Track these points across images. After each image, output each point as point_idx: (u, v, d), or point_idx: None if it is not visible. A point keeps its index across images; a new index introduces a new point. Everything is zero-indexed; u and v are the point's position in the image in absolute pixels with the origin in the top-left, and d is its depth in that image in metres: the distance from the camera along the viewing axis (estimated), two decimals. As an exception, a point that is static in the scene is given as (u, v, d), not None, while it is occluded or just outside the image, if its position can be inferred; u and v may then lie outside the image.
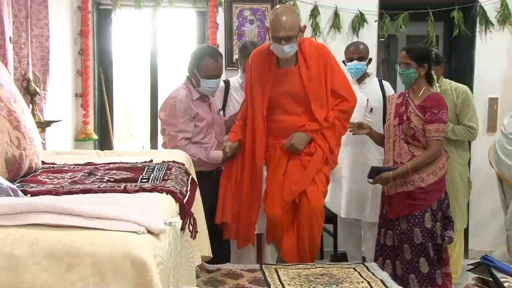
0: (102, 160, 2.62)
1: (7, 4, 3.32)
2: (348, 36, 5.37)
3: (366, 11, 5.40)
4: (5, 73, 2.25)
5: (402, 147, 3.66)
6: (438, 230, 3.54)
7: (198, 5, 5.36)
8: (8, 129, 1.96)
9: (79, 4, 5.27)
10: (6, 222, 1.26)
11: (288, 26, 3.35)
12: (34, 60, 3.76)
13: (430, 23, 5.41)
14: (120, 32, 5.70)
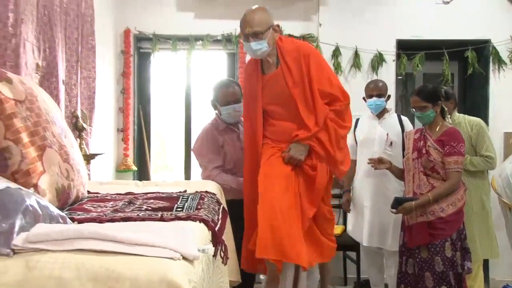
0: (140, 190, 2.62)
1: (62, 51, 3.41)
2: (368, 75, 5.35)
3: (384, 51, 5.38)
4: (58, 111, 2.29)
5: (421, 179, 3.61)
6: (458, 259, 3.46)
7: (228, 47, 5.44)
8: (59, 161, 1.98)
9: (122, 48, 5.39)
10: (56, 247, 1.27)
11: (254, 22, 3.08)
12: (82, 99, 3.81)
13: (445, 62, 5.39)
14: (157, 72, 5.78)
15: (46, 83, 3.16)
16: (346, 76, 5.36)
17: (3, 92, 1.80)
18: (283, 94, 3.20)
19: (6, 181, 1.54)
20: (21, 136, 1.80)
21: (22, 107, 1.87)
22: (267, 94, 3.26)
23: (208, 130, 3.81)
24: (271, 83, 3.25)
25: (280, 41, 3.24)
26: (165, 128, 6.48)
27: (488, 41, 5.34)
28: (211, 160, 3.70)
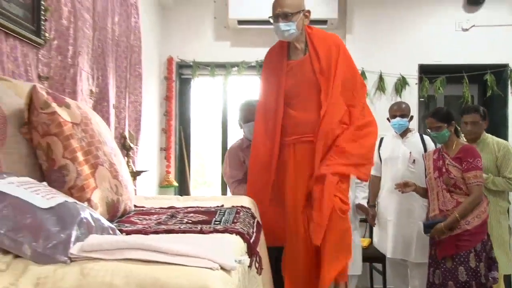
0: (181, 204, 2.61)
1: (112, 78, 3.49)
2: (392, 97, 5.34)
3: (407, 75, 5.39)
4: (108, 133, 2.31)
5: (445, 196, 3.57)
6: (482, 270, 3.37)
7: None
8: (109, 178, 2.00)
9: (166, 75, 5.48)
10: (107, 256, 1.28)
11: (285, 3, 2.87)
12: (129, 121, 3.87)
13: (465, 85, 5.37)
14: (197, 96, 5.86)
15: (98, 107, 3.23)
16: (371, 99, 5.34)
17: (62, 116, 1.83)
18: (307, 81, 2.96)
19: (64, 195, 1.56)
20: (77, 155, 1.83)
21: (78, 129, 1.90)
22: (290, 79, 2.99)
23: (231, 149, 3.81)
24: (297, 69, 3.00)
25: (310, 29, 3.03)
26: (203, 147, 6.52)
27: (506, 65, 5.32)
28: (232, 176, 3.68)
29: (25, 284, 1.19)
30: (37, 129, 1.80)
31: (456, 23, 5.44)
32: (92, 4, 3.16)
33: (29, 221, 1.30)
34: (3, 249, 1.28)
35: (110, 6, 3.46)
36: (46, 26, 2.52)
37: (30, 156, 1.84)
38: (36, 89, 1.81)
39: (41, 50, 2.52)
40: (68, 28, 2.77)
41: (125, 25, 3.77)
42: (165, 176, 5.44)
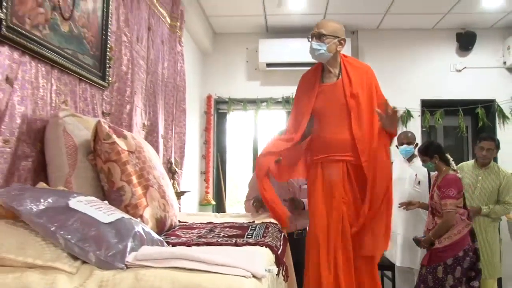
0: (218, 220, 2.60)
1: (161, 113, 3.55)
2: (399, 127, 5.31)
3: (411, 108, 5.44)
4: (157, 159, 2.34)
5: (429, 217, 3.58)
6: (449, 281, 3.32)
7: (287, 107, 5.51)
8: (158, 198, 2.00)
9: (205, 110, 5.56)
10: (157, 264, 1.29)
11: (323, 25, 2.67)
12: (175, 149, 3.90)
13: (460, 117, 5.44)
14: (232, 127, 5.90)
15: (149, 137, 3.28)
16: None
17: (120, 145, 1.86)
18: (339, 103, 2.71)
19: (121, 212, 1.58)
20: (132, 178, 1.85)
21: (133, 156, 1.92)
22: (321, 101, 2.75)
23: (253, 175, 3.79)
24: (329, 92, 2.75)
25: (345, 57, 2.82)
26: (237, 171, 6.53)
27: (494, 101, 5.41)
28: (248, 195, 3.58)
29: (91, 285, 1.21)
30: (100, 156, 1.84)
31: (451, 65, 5.55)
32: (147, 53, 3.25)
33: (94, 233, 1.33)
34: (74, 256, 1.30)
35: (160, 54, 3.54)
36: (110, 72, 2.59)
37: (95, 179, 1.87)
38: (100, 124, 1.85)
39: (105, 91, 2.58)
40: (127, 73, 2.85)
41: (172, 69, 3.85)
42: (205, 195, 5.47)
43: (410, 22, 5.38)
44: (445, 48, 5.55)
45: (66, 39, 2.14)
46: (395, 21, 5.35)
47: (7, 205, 1.34)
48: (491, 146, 3.98)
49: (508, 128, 5.41)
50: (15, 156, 1.76)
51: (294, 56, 5.27)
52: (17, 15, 1.77)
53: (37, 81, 1.92)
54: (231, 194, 5.97)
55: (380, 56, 5.53)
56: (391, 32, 5.57)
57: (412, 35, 5.56)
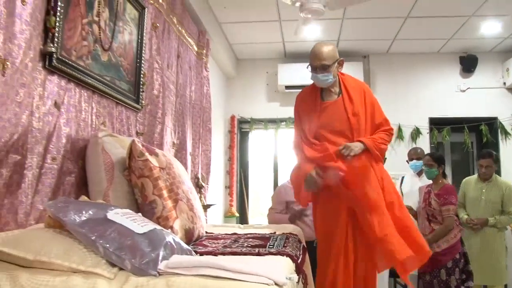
0: (242, 231, 2.57)
1: (189, 132, 3.59)
2: (409, 143, 5.34)
3: (420, 126, 5.40)
4: (186, 175, 2.35)
5: (425, 224, 3.52)
6: (453, 282, 3.29)
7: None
8: (187, 210, 2.01)
9: (229, 129, 5.60)
10: (186, 272, 1.29)
11: (323, 56, 2.53)
12: (201, 165, 3.93)
13: (465, 134, 5.37)
14: (254, 145, 5.91)
15: (178, 154, 3.31)
16: (392, 145, 5.32)
17: (152, 162, 1.89)
18: (341, 119, 2.57)
19: (154, 224, 1.59)
20: (163, 193, 1.87)
21: (163, 172, 1.94)
22: (324, 119, 2.58)
23: (278, 187, 3.79)
24: (331, 110, 2.60)
25: (342, 75, 2.70)
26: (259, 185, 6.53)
27: (496, 118, 5.36)
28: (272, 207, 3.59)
29: (127, 290, 1.23)
30: (135, 172, 1.86)
31: (455, 86, 5.52)
32: (176, 78, 3.31)
33: (129, 242, 1.35)
34: (112, 263, 1.32)
35: (188, 79, 3.60)
36: (143, 95, 2.65)
37: (130, 193, 1.89)
38: (134, 143, 1.89)
39: (138, 113, 2.64)
40: (158, 96, 2.90)
41: (199, 92, 3.91)
42: (229, 208, 5.47)
43: (417, 47, 5.38)
44: (449, 70, 5.53)
45: (105, 67, 2.21)
46: (403, 46, 5.35)
47: (54, 216, 1.37)
48: (489, 163, 3.89)
49: (510, 143, 5.35)
50: (61, 172, 1.80)
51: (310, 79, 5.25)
52: (65, 48, 1.84)
53: (80, 105, 1.97)
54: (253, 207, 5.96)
55: (390, 78, 5.53)
56: (400, 56, 5.57)
57: (419, 58, 5.55)
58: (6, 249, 1.27)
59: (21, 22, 1.52)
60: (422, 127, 5.41)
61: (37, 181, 1.66)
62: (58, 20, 1.75)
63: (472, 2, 4.16)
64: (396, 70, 5.56)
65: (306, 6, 3.43)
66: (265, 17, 4.51)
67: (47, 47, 1.70)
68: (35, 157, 1.66)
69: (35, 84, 1.66)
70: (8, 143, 1.46)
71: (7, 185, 1.48)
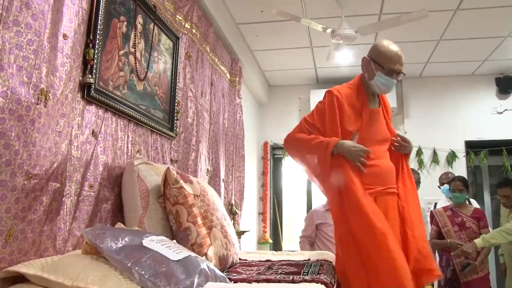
0: (276, 258, 2.54)
1: (222, 159, 3.61)
2: (444, 167, 5.18)
3: (456, 149, 5.25)
4: (219, 201, 2.35)
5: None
6: None
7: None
8: (221, 237, 2.01)
9: (262, 155, 5.60)
10: None
11: (403, 61, 2.20)
12: (235, 192, 3.93)
13: (504, 156, 5.18)
14: (287, 171, 5.88)
15: (212, 181, 3.32)
16: (428, 169, 5.21)
17: (187, 190, 1.90)
18: (382, 131, 2.30)
19: (188, 251, 1.59)
20: (197, 220, 1.87)
21: (198, 200, 1.95)
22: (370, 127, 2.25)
23: (310, 211, 3.84)
24: (375, 118, 2.30)
25: None
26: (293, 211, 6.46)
27: None
28: (304, 230, 3.68)
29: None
30: (169, 200, 1.87)
31: (492, 108, 5.36)
32: (209, 105, 3.36)
33: (164, 269, 1.34)
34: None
35: (222, 107, 3.65)
36: (177, 123, 2.69)
37: (164, 220, 1.90)
38: (169, 170, 1.91)
39: (173, 141, 2.68)
40: (192, 124, 2.95)
41: (232, 119, 3.94)
42: (262, 234, 5.42)
43: (450, 69, 5.28)
44: (485, 92, 5.39)
45: (141, 97, 2.26)
46: (437, 69, 5.26)
47: (91, 242, 1.39)
48: (506, 193, 3.48)
49: (548, 165, 5.11)
50: (97, 199, 1.84)
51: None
52: (103, 79, 1.90)
53: (116, 134, 2.02)
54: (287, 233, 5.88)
55: (423, 101, 5.44)
56: (433, 79, 5.48)
57: (453, 81, 5.44)
58: (46, 274, 1.29)
59: (62, 55, 1.59)
60: (458, 151, 5.25)
61: (75, 208, 1.70)
62: (96, 52, 1.82)
63: (506, 23, 4.07)
64: (429, 93, 5.46)
65: (338, 32, 3.45)
66: (297, 44, 4.56)
67: (86, 79, 1.76)
68: (74, 185, 1.70)
69: (74, 114, 1.71)
70: (49, 171, 1.50)
71: (47, 212, 1.52)
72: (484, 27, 4.15)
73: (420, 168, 5.16)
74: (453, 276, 3.51)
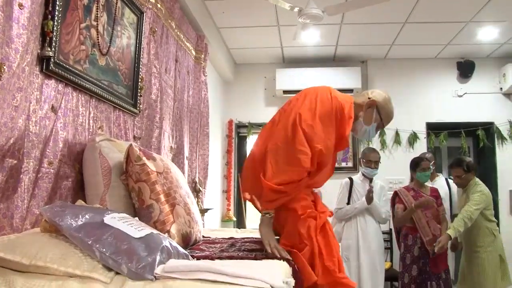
0: (239, 235, 2.58)
1: (187, 137, 3.59)
2: (406, 148, 5.36)
3: (418, 131, 5.42)
4: (183, 179, 2.34)
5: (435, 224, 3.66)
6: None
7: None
8: (184, 215, 2.01)
9: (227, 133, 5.60)
10: (183, 276, 1.28)
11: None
12: (199, 170, 3.92)
13: (462, 138, 5.39)
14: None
15: (176, 159, 3.31)
16: (390, 150, 5.38)
17: (150, 167, 1.88)
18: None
19: (150, 228, 1.58)
20: (160, 197, 1.86)
21: (161, 177, 1.93)
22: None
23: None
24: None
25: None
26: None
27: (493, 123, 5.38)
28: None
29: (123, 295, 1.22)
30: (132, 177, 1.86)
31: (452, 91, 5.55)
32: (174, 82, 3.32)
33: (126, 247, 1.34)
34: (108, 267, 1.31)
35: (186, 84, 3.61)
36: (141, 100, 2.65)
37: (127, 197, 1.89)
38: (132, 147, 1.88)
39: (136, 118, 2.64)
40: (156, 100, 2.91)
41: (197, 97, 3.91)
42: (226, 212, 5.46)
43: (414, 52, 5.40)
44: (447, 75, 5.57)
45: (103, 72, 2.21)
46: (401, 51, 5.37)
47: (50, 220, 1.37)
48: (458, 173, 3.69)
49: (506, 148, 5.38)
50: (57, 176, 1.80)
51: (308, 83, 5.16)
52: (63, 52, 1.84)
53: (77, 109, 1.97)
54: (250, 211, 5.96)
55: (388, 83, 5.54)
56: (397, 61, 5.60)
57: (416, 63, 5.58)
58: (2, 253, 1.27)
59: (18, 26, 1.52)
60: (420, 132, 5.42)
61: (34, 186, 1.66)
62: (56, 24, 1.76)
63: (469, 8, 4.19)
64: (394, 75, 5.58)
65: (305, 12, 3.45)
66: (263, 22, 4.53)
67: (44, 51, 1.70)
68: (32, 161, 1.66)
69: (32, 88, 1.66)
70: (4, 147, 1.46)
71: (3, 190, 1.48)
72: (448, 12, 4.26)
73: (383, 149, 5.31)
74: (420, 254, 3.68)
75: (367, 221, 3.94)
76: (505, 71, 5.33)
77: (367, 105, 2.12)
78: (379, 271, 3.90)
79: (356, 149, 5.46)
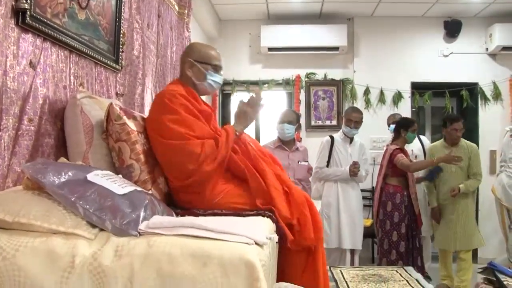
0: None
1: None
2: (390, 107, 5.40)
3: (402, 90, 5.43)
4: None
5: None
6: None
7: (287, 88, 5.55)
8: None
9: (211, 91, 5.54)
10: (167, 232, 1.30)
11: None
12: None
13: (446, 98, 5.42)
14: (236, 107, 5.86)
15: (159, 117, 3.28)
16: (374, 109, 5.44)
17: (130, 126, 1.84)
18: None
19: (134, 185, 1.60)
20: (140, 157, 1.83)
21: (141, 136, 1.89)
22: None
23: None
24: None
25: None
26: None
27: (477, 84, 5.41)
28: None
29: (108, 250, 1.24)
30: (112, 136, 1.82)
31: (438, 51, 5.53)
32: (157, 38, 3.23)
33: (109, 203, 1.35)
34: (92, 224, 1.32)
35: (169, 40, 3.52)
36: (123, 56, 2.58)
37: (109, 156, 1.86)
38: (112, 106, 1.84)
39: (118, 74, 2.58)
40: (138, 56, 2.84)
41: (180, 53, 3.79)
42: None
43: (401, 10, 5.32)
44: (433, 34, 5.52)
45: (83, 26, 2.13)
46: (388, 9, 5.28)
47: (33, 177, 1.36)
48: (460, 127, 3.90)
49: (489, 109, 5.44)
50: (38, 133, 1.77)
51: (293, 41, 5.30)
52: (40, 5, 1.76)
53: (57, 65, 1.92)
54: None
55: (374, 41, 5.52)
56: (384, 19, 5.52)
57: (403, 22, 5.51)
58: (-16, 211, 1.26)
59: (-10, -25, 1.44)
60: (404, 91, 5.45)
61: (14, 143, 1.63)
62: (31, -26, 1.67)
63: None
64: (380, 34, 5.52)
65: (291, -35, 3.34)
66: (248, -24, 4.39)
67: (19, 4, 1.63)
68: (11, 118, 1.62)
69: (8, 43, 1.60)
70: (-18, 103, 1.42)
71: (-18, 147, 1.45)
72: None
73: (367, 108, 5.34)
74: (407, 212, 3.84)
75: (348, 181, 4.02)
76: (491, 31, 5.30)
77: (187, 67, 2.12)
78: (358, 229, 4.02)
79: (341, 108, 5.47)
